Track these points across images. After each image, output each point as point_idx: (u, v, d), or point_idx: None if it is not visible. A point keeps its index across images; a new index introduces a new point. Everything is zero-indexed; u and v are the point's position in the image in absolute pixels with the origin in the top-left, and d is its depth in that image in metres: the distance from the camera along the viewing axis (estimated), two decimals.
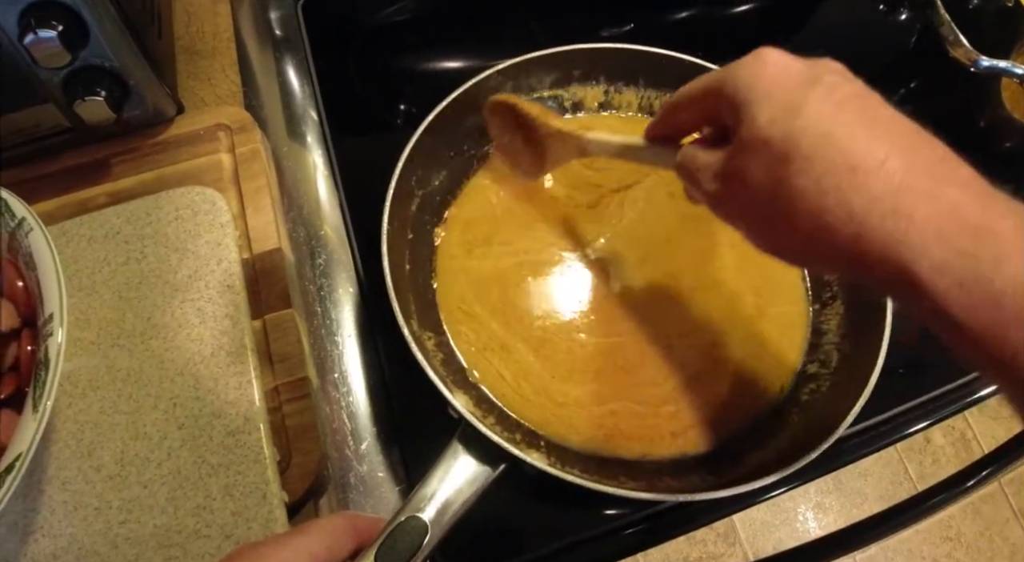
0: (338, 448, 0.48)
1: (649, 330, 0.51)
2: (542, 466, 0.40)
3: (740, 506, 0.49)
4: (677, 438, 0.48)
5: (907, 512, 0.56)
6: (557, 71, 0.57)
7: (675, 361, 0.50)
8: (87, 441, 0.45)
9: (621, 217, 0.55)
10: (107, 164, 0.56)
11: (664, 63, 0.55)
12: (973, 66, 0.50)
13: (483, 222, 0.55)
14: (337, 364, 0.51)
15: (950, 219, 0.26)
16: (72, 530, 0.43)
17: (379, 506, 0.47)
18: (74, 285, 0.49)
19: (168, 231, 0.51)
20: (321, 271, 0.55)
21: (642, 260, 0.54)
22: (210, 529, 0.42)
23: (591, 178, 0.56)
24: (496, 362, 0.49)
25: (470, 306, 0.51)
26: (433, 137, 0.52)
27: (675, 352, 0.50)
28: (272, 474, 0.44)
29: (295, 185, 0.59)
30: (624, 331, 0.51)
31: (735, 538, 1.33)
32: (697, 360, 0.50)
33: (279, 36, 0.68)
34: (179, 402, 0.46)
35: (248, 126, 0.57)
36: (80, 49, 0.47)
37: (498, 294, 0.52)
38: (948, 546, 1.37)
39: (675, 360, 0.50)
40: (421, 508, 0.37)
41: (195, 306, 0.49)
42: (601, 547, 0.48)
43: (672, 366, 0.50)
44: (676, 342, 0.51)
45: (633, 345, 0.50)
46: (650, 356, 0.50)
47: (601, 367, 0.49)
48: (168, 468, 0.44)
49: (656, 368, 0.50)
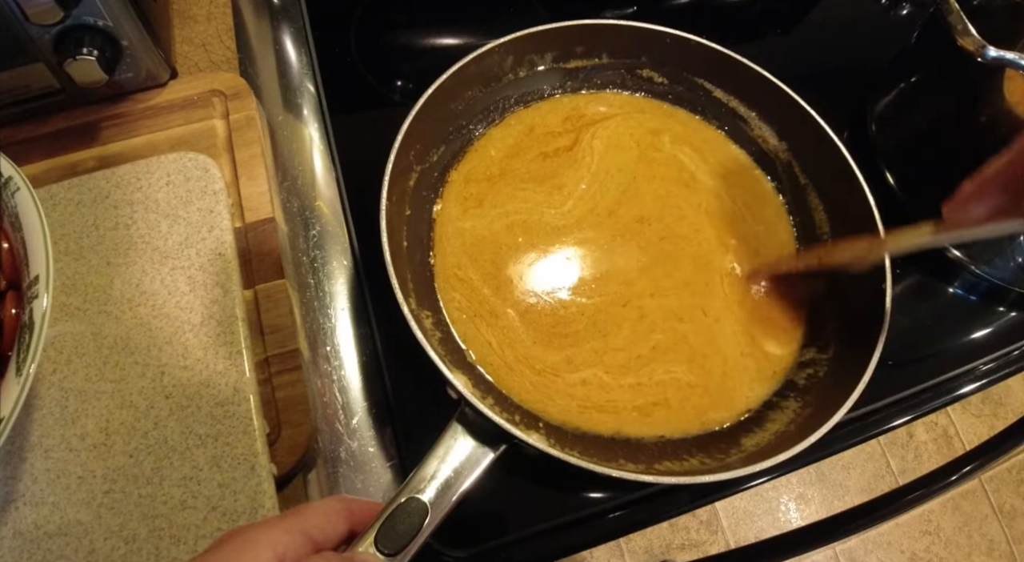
0: (328, 422, 0.48)
1: (624, 289, 0.51)
2: (542, 447, 0.40)
3: (733, 489, 0.49)
4: (646, 417, 0.47)
5: (888, 505, 0.56)
6: (559, 47, 0.56)
7: (643, 325, 0.50)
8: (71, 409, 0.44)
9: (593, 153, 0.56)
10: (97, 127, 0.54)
11: (668, 42, 0.55)
12: (980, 56, 0.49)
13: (480, 180, 0.54)
14: (329, 337, 0.51)
15: None
16: (54, 499, 0.42)
17: (369, 481, 0.47)
18: (61, 250, 0.48)
19: (159, 197, 0.50)
20: (315, 243, 0.54)
21: (617, 203, 0.55)
22: (196, 500, 0.42)
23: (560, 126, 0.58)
24: (484, 329, 0.49)
25: (465, 272, 0.51)
26: (432, 112, 0.51)
27: (645, 315, 0.51)
28: (261, 446, 0.43)
29: (290, 156, 0.58)
30: (606, 291, 0.51)
31: (717, 526, 1.34)
32: (661, 326, 0.50)
33: (276, 4, 0.67)
34: (167, 371, 0.45)
35: (243, 93, 0.55)
36: (73, 6, 0.46)
37: (490, 257, 0.51)
38: (927, 540, 1.39)
39: (644, 323, 0.50)
40: (421, 489, 0.37)
41: (185, 274, 0.48)
42: (584, 531, 0.48)
43: (640, 330, 0.50)
44: (647, 302, 0.51)
45: (611, 306, 0.51)
46: (625, 319, 0.50)
47: (580, 330, 0.49)
48: (154, 438, 0.43)
49: (629, 331, 0.50)
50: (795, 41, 0.74)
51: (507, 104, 0.57)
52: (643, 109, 0.59)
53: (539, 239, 0.53)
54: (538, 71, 0.57)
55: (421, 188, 0.52)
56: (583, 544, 0.48)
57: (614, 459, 0.43)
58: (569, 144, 0.57)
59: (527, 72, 0.56)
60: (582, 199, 0.54)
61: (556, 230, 0.53)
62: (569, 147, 0.57)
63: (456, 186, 0.54)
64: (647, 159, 0.57)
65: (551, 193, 0.54)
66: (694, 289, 0.52)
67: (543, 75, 0.57)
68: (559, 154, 0.56)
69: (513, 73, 0.56)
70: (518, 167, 0.55)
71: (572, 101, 0.59)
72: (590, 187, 0.55)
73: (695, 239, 0.54)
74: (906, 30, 0.73)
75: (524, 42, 0.54)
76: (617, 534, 0.48)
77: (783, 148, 0.56)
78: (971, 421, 1.49)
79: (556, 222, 0.53)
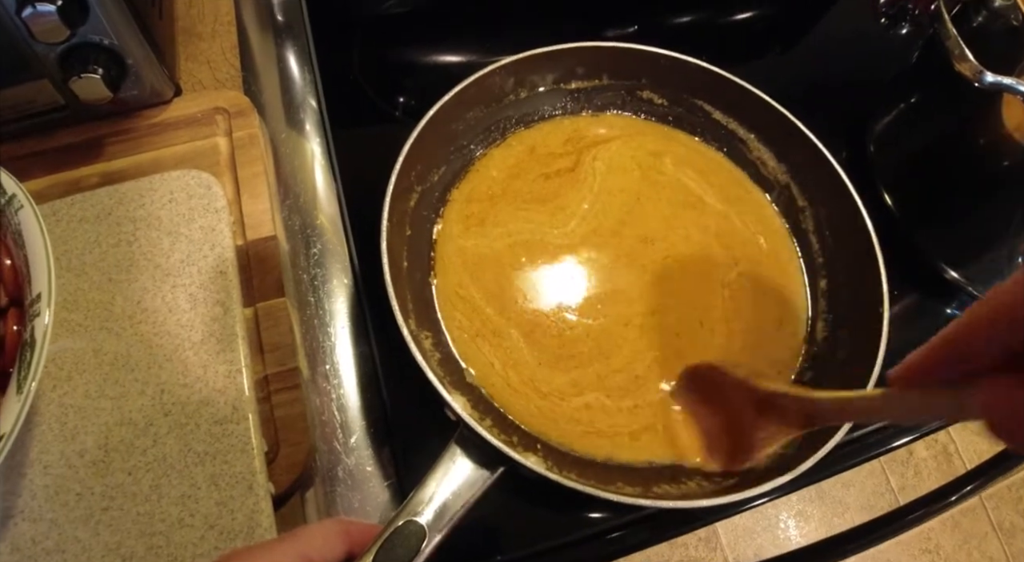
0: (327, 440, 0.48)
1: (626, 309, 0.51)
2: (540, 470, 0.40)
3: (731, 512, 0.49)
4: (635, 441, 0.47)
5: (888, 525, 0.56)
6: (560, 69, 0.57)
7: (642, 343, 0.50)
8: (71, 425, 0.44)
9: (595, 174, 0.56)
10: (101, 144, 0.55)
11: (664, 64, 0.55)
12: (978, 81, 0.49)
13: (482, 199, 0.55)
14: (329, 356, 0.51)
15: None
16: (53, 515, 0.42)
17: (367, 500, 0.47)
18: (63, 266, 0.48)
19: (161, 214, 0.50)
20: (315, 261, 0.54)
21: (621, 223, 0.55)
22: (194, 518, 0.42)
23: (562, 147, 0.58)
24: (487, 350, 0.49)
25: (467, 290, 0.51)
26: (434, 132, 0.51)
27: (644, 333, 0.51)
28: (259, 465, 0.43)
29: (292, 173, 0.58)
30: (609, 312, 0.51)
31: (716, 543, 1.33)
32: (658, 342, 0.50)
33: (281, 22, 0.67)
34: (166, 388, 0.45)
35: (246, 110, 0.56)
36: (79, 25, 0.46)
37: (493, 276, 0.51)
38: (927, 559, 1.38)
39: (643, 342, 0.50)
40: (419, 512, 0.37)
41: (186, 291, 0.48)
42: (582, 551, 0.48)
43: (639, 349, 0.50)
44: (647, 321, 0.51)
45: (614, 326, 0.51)
46: (625, 340, 0.50)
47: (585, 351, 0.49)
48: (153, 455, 0.43)
49: (629, 351, 0.50)
50: (795, 60, 0.74)
51: (508, 124, 0.58)
52: (643, 132, 0.59)
53: (542, 259, 0.53)
54: (539, 92, 0.57)
55: (422, 208, 0.52)
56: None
57: (612, 482, 0.43)
58: (571, 165, 0.57)
59: (528, 93, 0.57)
60: (585, 219, 0.55)
61: (559, 250, 0.53)
62: (571, 168, 0.57)
63: (457, 205, 0.54)
64: (650, 181, 0.57)
65: (554, 213, 0.55)
66: (695, 303, 0.52)
67: (544, 96, 0.58)
68: (561, 175, 0.57)
69: (514, 94, 0.56)
70: (520, 187, 0.56)
71: (573, 122, 0.59)
72: (592, 207, 0.55)
73: (699, 257, 0.54)
74: (906, 50, 0.74)
75: (526, 64, 0.54)
76: (616, 555, 0.48)
77: (782, 170, 0.57)
78: (971, 438, 1.48)
79: (559, 242, 0.54)
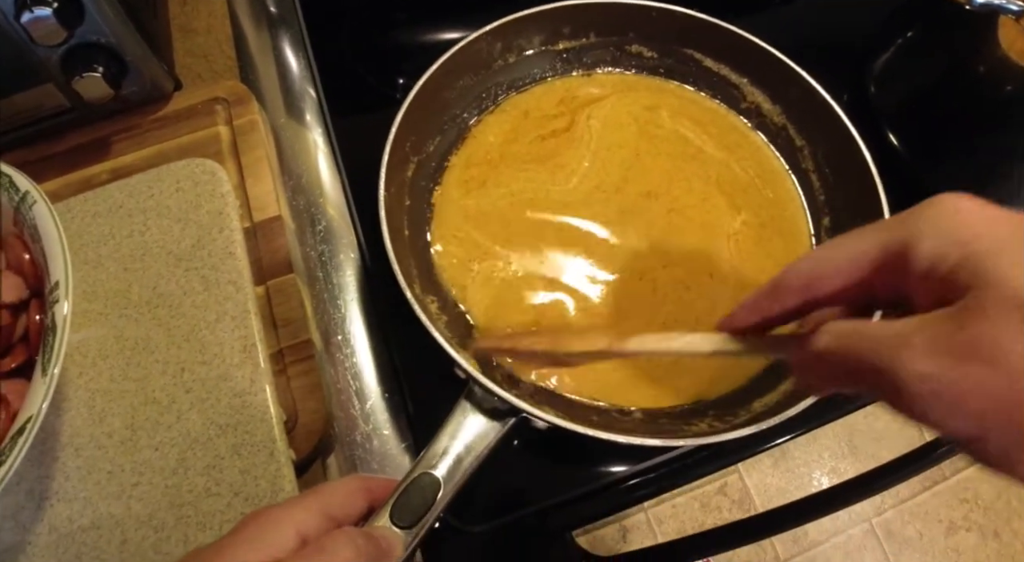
0: (343, 408, 0.49)
1: (638, 263, 0.52)
2: (552, 418, 0.40)
3: (747, 453, 0.50)
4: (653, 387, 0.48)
5: (919, 461, 0.56)
6: (546, 30, 0.57)
7: (656, 298, 0.51)
8: (98, 408, 0.46)
9: (591, 132, 0.57)
10: (108, 142, 0.56)
11: (654, 15, 0.55)
12: (968, 3, 0.49)
13: (481, 164, 0.55)
14: (340, 327, 0.52)
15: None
16: (86, 494, 0.44)
17: (385, 462, 0.48)
18: (80, 259, 0.50)
19: (170, 203, 0.52)
20: (322, 237, 0.56)
21: (623, 180, 0.55)
22: (220, 487, 0.43)
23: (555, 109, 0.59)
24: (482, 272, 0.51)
25: (466, 233, 0.52)
26: (425, 103, 0.52)
27: (657, 288, 0.51)
28: (279, 433, 0.44)
29: (294, 156, 0.59)
30: (624, 267, 0.52)
31: (750, 504, 1.33)
32: (672, 297, 0.50)
33: (274, 13, 0.68)
34: (186, 367, 0.47)
35: (245, 98, 0.57)
36: (76, 26, 0.48)
37: (499, 225, 0.53)
38: (965, 508, 1.36)
39: (656, 296, 0.51)
40: (433, 465, 0.38)
41: (199, 274, 0.49)
42: (599, 502, 0.49)
43: (654, 304, 0.50)
44: (659, 275, 0.51)
45: (629, 282, 0.51)
46: (641, 295, 0.51)
47: (605, 314, 0.50)
48: (177, 431, 0.45)
49: (646, 307, 0.50)
50: (791, 10, 0.73)
51: (500, 90, 0.58)
52: (636, 86, 0.59)
53: (546, 214, 0.53)
54: (527, 55, 0.58)
55: (419, 178, 0.53)
56: (599, 514, 0.48)
57: (623, 427, 0.44)
58: (566, 125, 0.57)
59: (516, 57, 0.57)
60: (587, 177, 0.55)
61: (563, 207, 0.54)
62: (566, 128, 0.57)
63: (456, 171, 0.55)
64: (648, 135, 0.57)
65: (554, 172, 0.55)
66: (702, 254, 0.52)
67: (533, 59, 0.58)
68: (557, 135, 0.57)
69: (503, 59, 0.57)
70: (517, 150, 0.56)
71: (564, 83, 0.59)
72: (592, 165, 0.56)
73: (703, 207, 0.54)
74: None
75: (510, 27, 0.55)
76: (633, 502, 0.49)
77: (777, 112, 0.56)
78: None
79: (562, 199, 0.54)
